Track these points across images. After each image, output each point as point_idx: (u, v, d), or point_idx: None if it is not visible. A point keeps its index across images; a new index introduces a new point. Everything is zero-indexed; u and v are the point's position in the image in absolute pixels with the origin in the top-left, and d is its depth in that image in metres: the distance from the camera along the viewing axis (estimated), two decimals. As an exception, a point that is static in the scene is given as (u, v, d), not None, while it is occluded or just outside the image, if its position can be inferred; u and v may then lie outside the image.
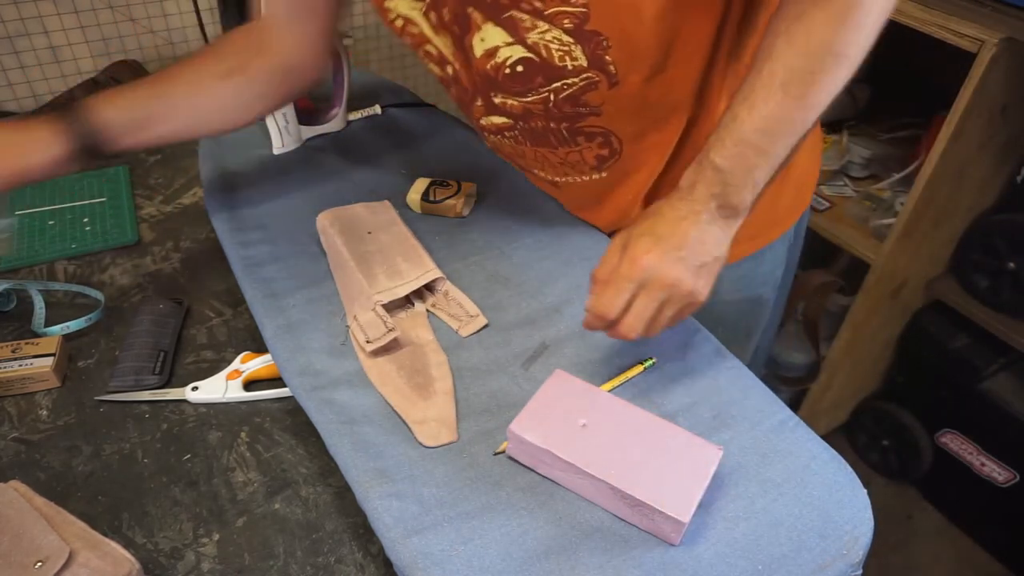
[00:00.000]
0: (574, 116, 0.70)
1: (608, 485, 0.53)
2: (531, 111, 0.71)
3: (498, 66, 0.67)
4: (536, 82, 0.67)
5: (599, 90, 0.66)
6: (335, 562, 0.57)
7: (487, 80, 0.70)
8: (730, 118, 0.57)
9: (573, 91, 0.67)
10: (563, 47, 0.63)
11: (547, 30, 0.62)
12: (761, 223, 0.80)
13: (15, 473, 0.63)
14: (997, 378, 1.47)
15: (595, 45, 0.62)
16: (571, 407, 0.58)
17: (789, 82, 0.55)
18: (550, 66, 0.65)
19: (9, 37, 1.15)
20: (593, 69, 0.65)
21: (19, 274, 0.85)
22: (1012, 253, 1.34)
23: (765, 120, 0.56)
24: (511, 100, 0.71)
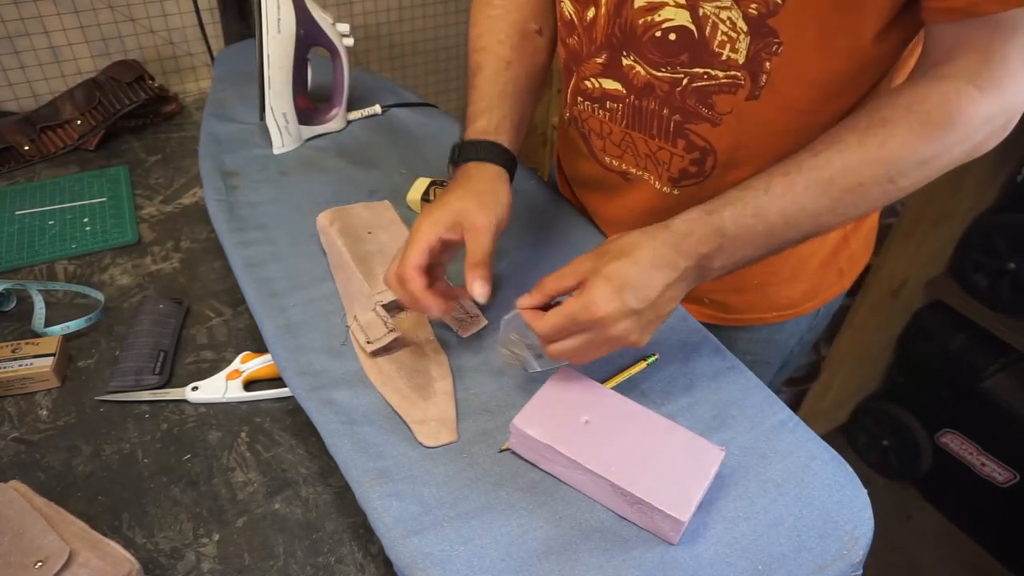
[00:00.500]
0: (691, 113, 0.64)
1: (608, 482, 0.53)
2: (653, 88, 0.64)
3: (651, 24, 0.61)
4: (679, 58, 0.61)
5: (735, 96, 0.61)
6: (335, 562, 0.57)
7: (628, 36, 0.63)
8: (764, 186, 0.55)
9: (709, 85, 0.61)
10: (731, 32, 0.57)
11: (728, 7, 0.56)
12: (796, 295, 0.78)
13: (15, 473, 0.63)
14: (997, 378, 1.47)
15: (764, 45, 0.57)
16: (575, 403, 0.58)
17: (835, 182, 0.54)
18: (704, 48, 0.59)
19: (9, 37, 1.15)
20: (744, 70, 0.59)
21: (19, 274, 0.85)
22: (1012, 253, 1.34)
23: (795, 207, 0.54)
24: (640, 67, 0.64)
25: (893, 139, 0.53)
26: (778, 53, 0.57)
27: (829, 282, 0.78)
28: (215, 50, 1.27)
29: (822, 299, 0.80)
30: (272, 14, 0.87)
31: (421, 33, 1.62)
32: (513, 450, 0.58)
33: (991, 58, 0.51)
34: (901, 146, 0.53)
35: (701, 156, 0.66)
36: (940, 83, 0.53)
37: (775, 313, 0.79)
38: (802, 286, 0.78)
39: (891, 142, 0.53)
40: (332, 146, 0.98)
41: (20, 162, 1.03)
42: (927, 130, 0.52)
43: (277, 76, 0.90)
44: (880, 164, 0.53)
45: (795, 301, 0.79)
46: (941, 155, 0.54)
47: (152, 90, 1.11)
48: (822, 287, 0.78)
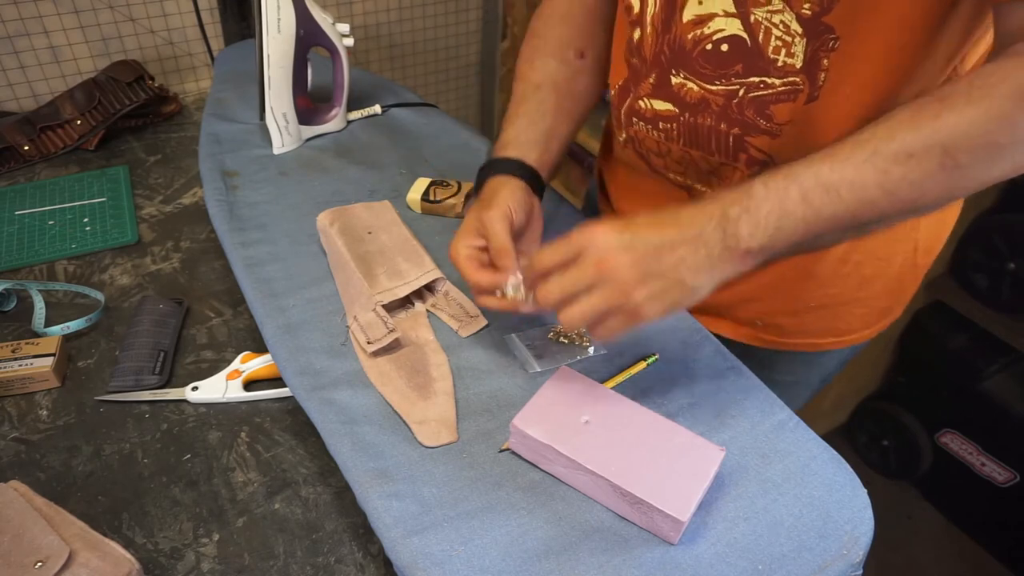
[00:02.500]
0: (749, 126, 0.61)
1: (608, 482, 0.53)
2: (708, 103, 0.62)
3: (702, 38, 0.59)
4: (734, 69, 0.59)
5: (795, 103, 0.58)
6: (335, 562, 0.57)
7: (678, 52, 0.62)
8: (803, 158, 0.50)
9: (766, 95, 0.59)
10: (786, 36, 0.55)
11: (780, 10, 0.54)
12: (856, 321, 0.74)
13: (15, 473, 0.63)
14: (997, 378, 1.47)
15: (820, 44, 0.54)
16: (575, 403, 0.58)
17: (880, 151, 0.48)
18: (758, 55, 0.57)
19: (9, 37, 1.15)
20: (803, 74, 0.56)
21: (19, 274, 0.85)
22: (1012, 253, 1.34)
23: (834, 174, 0.48)
24: (692, 83, 0.62)
25: (950, 112, 0.47)
26: (835, 48, 0.54)
27: (890, 310, 0.74)
28: (215, 50, 1.27)
29: (879, 327, 0.75)
30: (272, 14, 0.87)
31: (421, 33, 1.62)
32: (513, 450, 0.58)
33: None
34: (959, 117, 0.46)
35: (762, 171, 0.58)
36: (1009, 59, 0.47)
37: (831, 339, 0.75)
38: (864, 311, 0.73)
39: (947, 114, 0.47)
40: (332, 146, 0.98)
41: (20, 162, 1.03)
42: (990, 102, 0.46)
43: (277, 76, 0.90)
44: (933, 135, 0.47)
45: (853, 327, 0.74)
46: (1009, 130, 0.46)
47: (152, 90, 1.11)
48: (884, 315, 0.74)
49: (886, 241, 0.69)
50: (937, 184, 0.48)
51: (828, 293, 0.71)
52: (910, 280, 0.73)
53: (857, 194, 0.48)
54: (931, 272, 1.48)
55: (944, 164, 0.47)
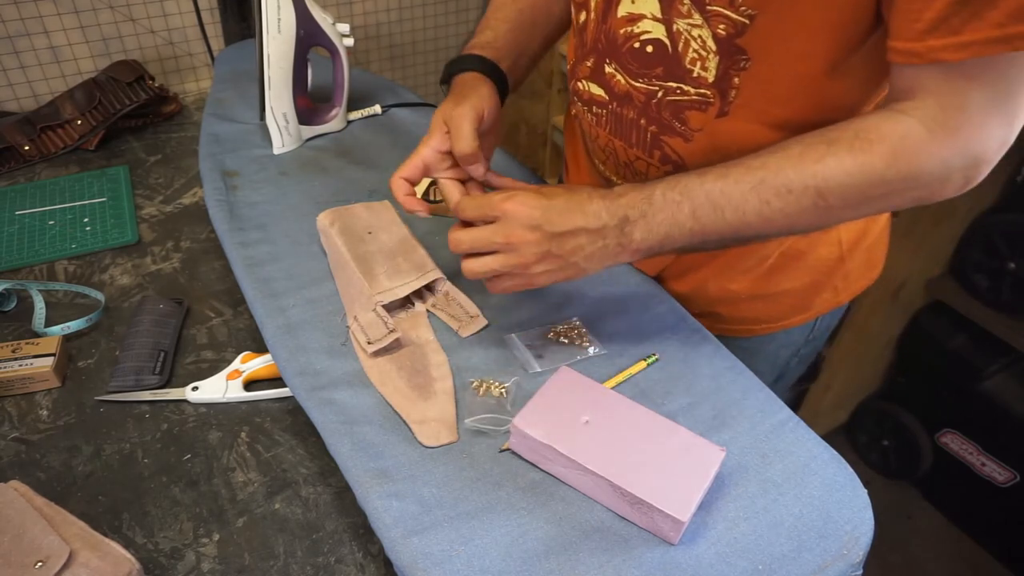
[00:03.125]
0: (666, 126, 0.65)
1: (608, 482, 0.53)
2: (632, 97, 0.66)
3: (631, 35, 0.62)
4: (655, 71, 0.62)
5: (705, 113, 0.62)
6: (335, 562, 0.57)
7: (611, 44, 0.65)
8: (700, 172, 0.56)
9: (681, 100, 0.62)
10: (702, 51, 0.59)
11: (699, 25, 0.57)
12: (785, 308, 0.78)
13: (15, 473, 0.63)
14: (997, 378, 1.47)
15: (732, 63, 0.58)
16: (575, 403, 0.58)
17: (766, 181, 0.54)
18: (677, 62, 0.60)
19: (9, 37, 1.15)
20: (714, 88, 0.60)
21: (19, 274, 0.85)
22: (1012, 253, 1.34)
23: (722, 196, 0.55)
24: (620, 76, 0.65)
25: (832, 157, 0.53)
26: (746, 69, 0.58)
27: (822, 299, 0.78)
28: (215, 50, 1.27)
29: (814, 313, 0.80)
30: (272, 14, 0.87)
31: (421, 33, 1.62)
32: (513, 450, 0.58)
33: (947, 104, 0.51)
34: (837, 165, 0.53)
35: (674, 170, 0.66)
36: (893, 117, 0.53)
37: (764, 325, 0.79)
38: (791, 300, 0.78)
39: (829, 159, 0.53)
40: (332, 146, 0.98)
41: (20, 162, 1.03)
42: (866, 159, 0.52)
43: (277, 76, 0.90)
44: (812, 176, 0.53)
45: (784, 313, 0.79)
46: (877, 188, 0.53)
47: (152, 90, 1.11)
48: (814, 303, 0.78)
49: (806, 240, 0.73)
50: (807, 218, 0.55)
51: (752, 285, 0.75)
52: (839, 272, 0.77)
53: (739, 216, 0.55)
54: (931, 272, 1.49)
55: (817, 204, 0.54)
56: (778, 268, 0.74)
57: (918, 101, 0.52)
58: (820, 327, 0.83)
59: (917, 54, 0.49)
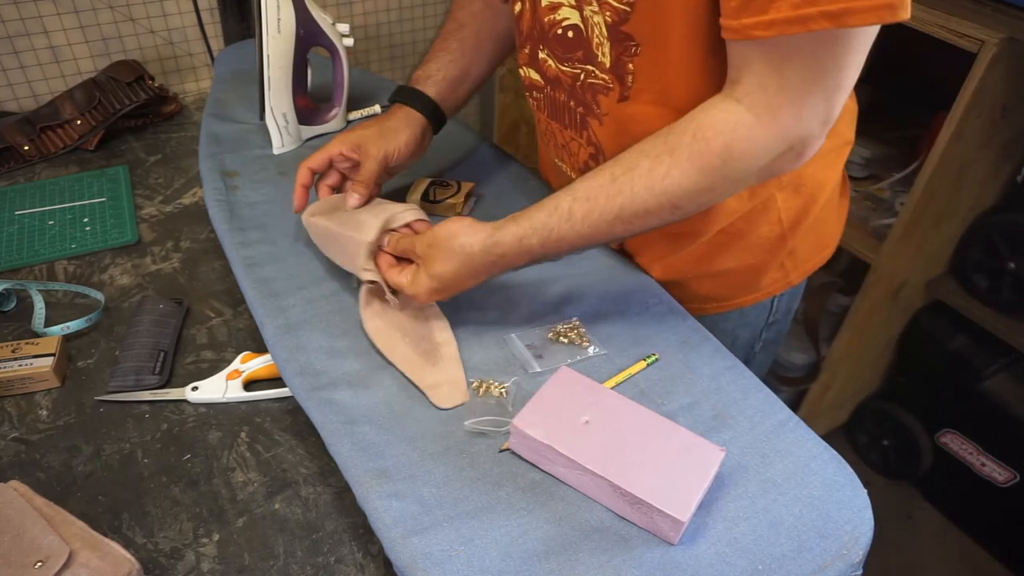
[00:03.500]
0: (588, 107, 0.69)
1: (608, 482, 0.53)
2: (560, 81, 0.70)
3: (554, 23, 0.67)
4: (576, 54, 0.66)
5: (608, 97, 0.66)
6: (335, 562, 0.57)
7: (540, 31, 0.69)
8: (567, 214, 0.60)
9: (595, 84, 0.66)
10: (601, 37, 0.62)
11: (596, 12, 0.61)
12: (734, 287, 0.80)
13: (15, 473, 0.63)
14: (997, 378, 1.47)
15: (623, 50, 0.62)
16: (575, 404, 0.58)
17: (626, 209, 0.59)
18: (588, 47, 0.65)
19: (9, 37, 1.15)
20: (611, 74, 0.64)
21: (19, 274, 0.85)
22: (1012, 253, 1.34)
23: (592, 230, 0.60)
24: (551, 61, 0.70)
25: (676, 169, 0.57)
26: (637, 54, 0.61)
27: (771, 278, 0.80)
28: (215, 50, 1.27)
29: (765, 293, 0.82)
30: (272, 14, 0.87)
31: (421, 33, 1.62)
32: (513, 450, 0.58)
33: (767, 84, 0.53)
34: (682, 177, 0.57)
35: (595, 152, 0.72)
36: (726, 108, 0.56)
37: (714, 304, 0.82)
38: (737, 279, 0.80)
39: (674, 172, 0.57)
40: (332, 146, 0.98)
41: (20, 162, 1.03)
42: (706, 161, 0.56)
43: (277, 76, 0.90)
44: (664, 195, 0.58)
45: (732, 292, 0.81)
46: (720, 184, 0.58)
47: (152, 90, 1.11)
48: (762, 283, 0.80)
49: (740, 220, 0.75)
50: (668, 221, 0.61)
51: (693, 265, 0.78)
52: (782, 251, 0.78)
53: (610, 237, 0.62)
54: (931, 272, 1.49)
55: (673, 212, 0.59)
56: (718, 247, 0.76)
57: (744, 82, 0.55)
58: (779, 308, 0.85)
59: (735, 30, 0.53)
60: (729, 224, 0.74)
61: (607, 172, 0.60)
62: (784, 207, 0.75)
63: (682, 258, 0.77)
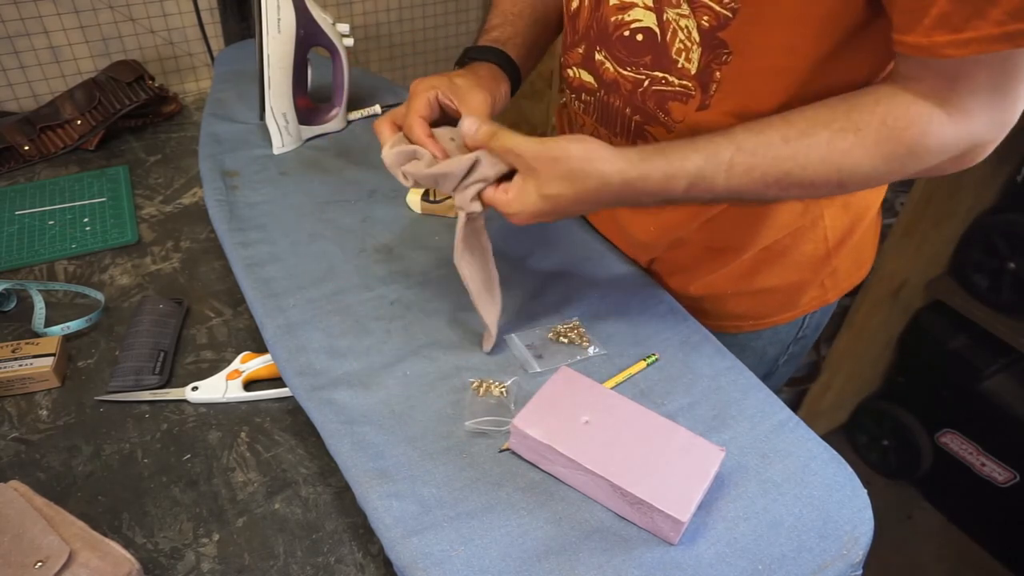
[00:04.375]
0: (650, 116, 0.66)
1: (608, 482, 0.53)
2: (619, 85, 0.67)
3: (622, 23, 0.63)
4: (644, 60, 0.63)
5: (686, 105, 0.63)
6: (335, 562, 0.57)
7: (602, 31, 0.66)
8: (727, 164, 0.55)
9: (666, 91, 0.63)
10: (687, 41, 0.59)
11: (687, 15, 0.58)
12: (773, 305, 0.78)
13: (15, 473, 0.63)
14: (997, 378, 1.47)
15: (714, 57, 0.59)
16: (575, 403, 0.58)
17: (792, 174, 0.55)
18: (664, 52, 0.61)
19: (9, 37, 1.15)
20: (695, 81, 0.61)
21: (19, 274, 0.85)
22: (1012, 253, 1.34)
23: (743, 188, 0.56)
24: (609, 64, 0.66)
25: (860, 149, 0.54)
26: (728, 63, 0.58)
27: (810, 296, 0.78)
28: (215, 50, 1.27)
29: (801, 311, 0.80)
30: (272, 14, 0.87)
31: (421, 33, 1.62)
32: (513, 451, 0.58)
33: (959, 87, 0.51)
34: (864, 158, 0.54)
35: None
36: (916, 101, 0.53)
37: (751, 322, 0.80)
38: (778, 297, 0.78)
39: (857, 152, 0.54)
40: (332, 146, 0.98)
41: (20, 162, 1.03)
42: (892, 149, 0.53)
43: (277, 76, 0.90)
44: (838, 171, 0.55)
45: (771, 310, 0.79)
46: (895, 173, 0.55)
47: (152, 90, 1.11)
48: (800, 301, 0.78)
49: (791, 237, 0.72)
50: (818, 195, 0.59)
51: (733, 281, 0.76)
52: (825, 270, 0.77)
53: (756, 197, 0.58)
54: (931, 272, 1.49)
55: (835, 188, 0.57)
56: (761, 265, 0.74)
57: (929, 81, 0.52)
58: (809, 325, 0.83)
59: (923, 48, 0.50)
60: (774, 241, 0.72)
61: (776, 132, 0.55)
62: (831, 225, 0.73)
63: (722, 276, 0.75)
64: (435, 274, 0.77)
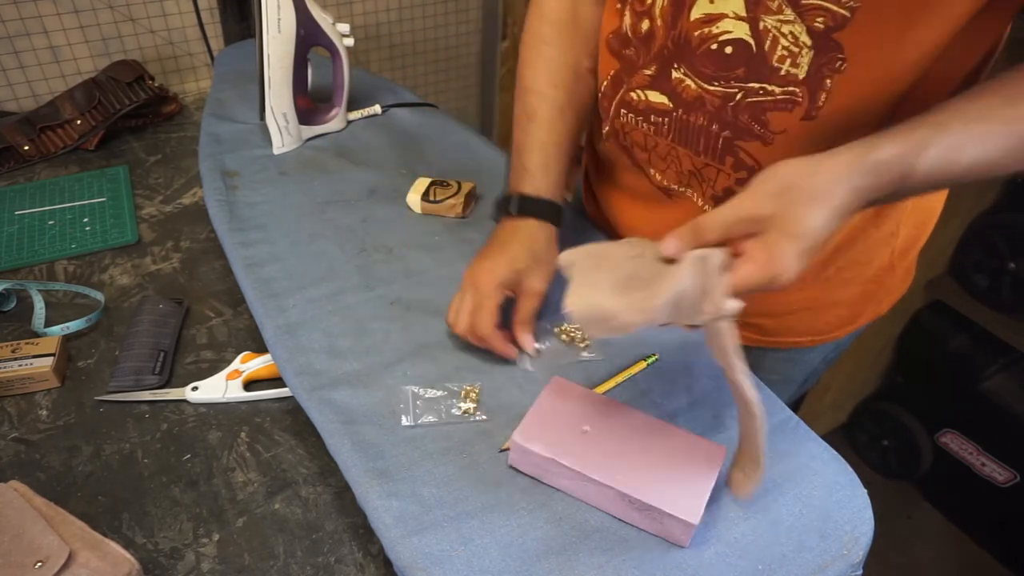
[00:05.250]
0: (742, 130, 0.62)
1: (615, 491, 0.52)
2: (703, 102, 0.63)
3: (708, 37, 0.60)
4: (735, 72, 0.60)
5: (791, 113, 0.58)
6: (335, 562, 0.57)
7: (682, 48, 0.62)
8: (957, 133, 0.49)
9: (764, 101, 0.59)
10: (793, 47, 0.56)
11: (791, 21, 0.55)
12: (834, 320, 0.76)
13: (15, 473, 0.63)
14: (997, 378, 1.47)
15: (828, 60, 0.55)
16: (572, 414, 0.57)
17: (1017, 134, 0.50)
18: (762, 62, 0.58)
19: (9, 37, 1.15)
20: (804, 86, 0.57)
21: (19, 274, 0.85)
22: (1012, 253, 1.34)
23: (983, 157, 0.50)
24: (691, 80, 0.63)
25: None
26: (841, 70, 0.55)
27: (869, 309, 0.77)
28: (215, 50, 1.27)
29: (858, 324, 0.78)
30: (272, 14, 0.87)
31: (421, 33, 1.62)
32: (514, 467, 0.57)
33: None
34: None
35: (748, 176, 0.63)
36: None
37: (810, 337, 0.77)
38: (842, 312, 0.75)
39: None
40: (332, 146, 0.98)
41: (20, 162, 1.03)
42: None
43: (277, 76, 0.90)
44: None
45: (832, 326, 0.77)
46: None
47: (152, 90, 1.11)
48: (862, 314, 0.77)
49: (866, 247, 0.70)
50: None
51: (808, 296, 0.73)
52: (888, 280, 0.75)
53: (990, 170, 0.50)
54: (931, 272, 1.49)
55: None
56: (836, 276, 0.71)
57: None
58: (855, 334, 0.81)
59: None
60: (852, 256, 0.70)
61: (995, 95, 0.51)
62: (903, 235, 0.71)
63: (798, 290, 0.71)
64: (435, 274, 0.77)
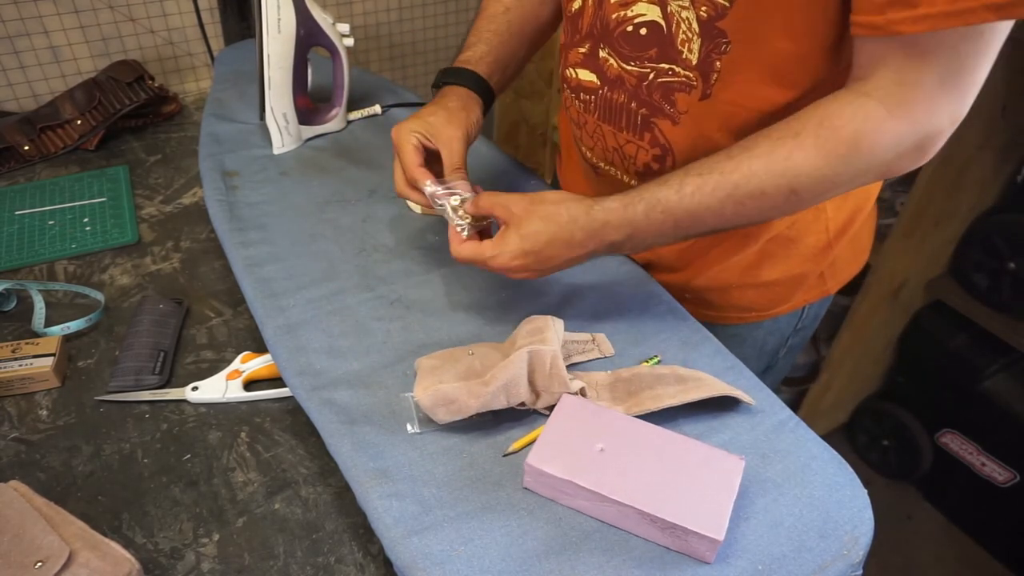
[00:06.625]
0: (656, 108, 0.67)
1: (637, 511, 0.51)
2: (623, 81, 0.68)
3: (624, 19, 0.64)
4: (649, 53, 0.64)
5: (689, 95, 0.64)
6: (335, 562, 0.57)
7: (605, 28, 0.67)
8: (678, 185, 0.59)
9: (672, 81, 0.64)
10: (688, 32, 0.60)
11: (687, 7, 0.59)
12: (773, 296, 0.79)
13: (15, 473, 0.63)
14: (997, 378, 1.47)
15: (714, 46, 0.60)
16: (586, 432, 0.56)
17: (740, 187, 0.57)
18: (670, 44, 0.62)
19: (9, 37, 1.15)
20: (696, 71, 0.62)
21: (19, 274, 0.85)
22: (1012, 253, 1.34)
23: (701, 207, 0.58)
24: (613, 60, 0.67)
25: (799, 152, 0.55)
26: (727, 52, 0.60)
27: (809, 285, 0.79)
28: (215, 50, 1.27)
29: (801, 301, 0.81)
30: (272, 14, 0.87)
31: (421, 33, 1.62)
32: (529, 488, 0.56)
33: (904, 80, 0.52)
34: (804, 161, 0.55)
35: (662, 153, 0.69)
36: (855, 100, 0.54)
37: (754, 312, 0.81)
38: (780, 288, 0.79)
39: (796, 155, 0.55)
40: (332, 146, 0.98)
41: (20, 162, 1.03)
42: (832, 148, 0.55)
43: (277, 76, 0.90)
44: (783, 176, 0.56)
45: (773, 302, 0.80)
46: (843, 174, 0.56)
47: (152, 90, 1.11)
48: (800, 290, 0.79)
49: (793, 225, 0.74)
50: (781, 210, 0.60)
51: (747, 274, 0.77)
52: (826, 259, 0.78)
53: (718, 220, 0.60)
54: (931, 272, 1.49)
55: (789, 198, 0.57)
56: (767, 257, 0.76)
57: (877, 77, 0.53)
58: (808, 316, 0.84)
59: (878, 27, 0.51)
60: (778, 233, 0.74)
61: (723, 152, 0.58)
62: (832, 216, 0.74)
63: (729, 267, 0.76)
64: (435, 274, 0.77)
